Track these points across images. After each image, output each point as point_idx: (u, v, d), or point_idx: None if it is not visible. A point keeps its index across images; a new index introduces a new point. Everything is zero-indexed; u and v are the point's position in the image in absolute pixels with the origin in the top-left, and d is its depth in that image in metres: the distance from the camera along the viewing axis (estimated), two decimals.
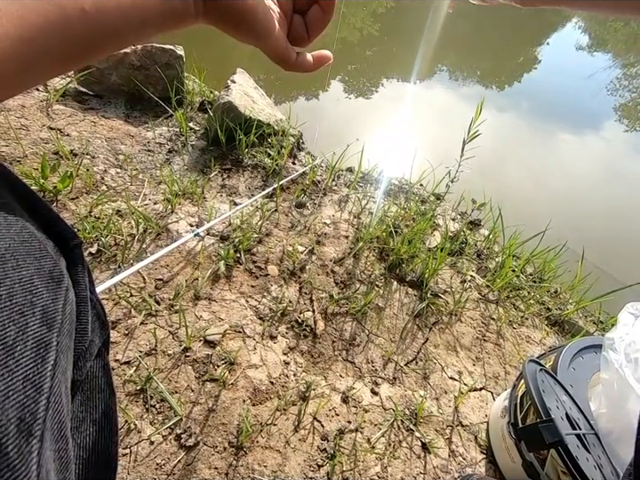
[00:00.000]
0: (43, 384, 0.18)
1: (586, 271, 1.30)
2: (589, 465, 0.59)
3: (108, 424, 0.28)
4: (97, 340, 0.28)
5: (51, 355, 0.19)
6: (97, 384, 0.28)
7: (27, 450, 0.16)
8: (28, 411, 0.16)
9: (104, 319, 0.29)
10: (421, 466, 0.81)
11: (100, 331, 0.28)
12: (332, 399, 0.86)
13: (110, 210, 1.09)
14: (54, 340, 0.19)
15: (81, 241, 0.26)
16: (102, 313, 0.29)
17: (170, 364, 0.82)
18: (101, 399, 0.28)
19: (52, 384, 0.18)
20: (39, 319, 0.19)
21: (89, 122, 1.39)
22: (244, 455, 0.73)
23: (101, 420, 0.27)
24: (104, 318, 0.29)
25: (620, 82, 4.57)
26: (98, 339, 0.28)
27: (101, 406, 0.28)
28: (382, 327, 1.04)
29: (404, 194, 1.55)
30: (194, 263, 1.03)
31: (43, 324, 0.19)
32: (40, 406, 0.17)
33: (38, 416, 0.17)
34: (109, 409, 0.28)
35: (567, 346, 0.79)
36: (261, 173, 1.42)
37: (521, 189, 2.31)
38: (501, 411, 0.83)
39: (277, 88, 2.76)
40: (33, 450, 0.16)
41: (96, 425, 0.27)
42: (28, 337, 0.18)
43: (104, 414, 0.28)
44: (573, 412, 0.67)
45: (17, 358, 0.16)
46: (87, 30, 0.20)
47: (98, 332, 0.28)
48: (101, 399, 0.28)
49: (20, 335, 0.17)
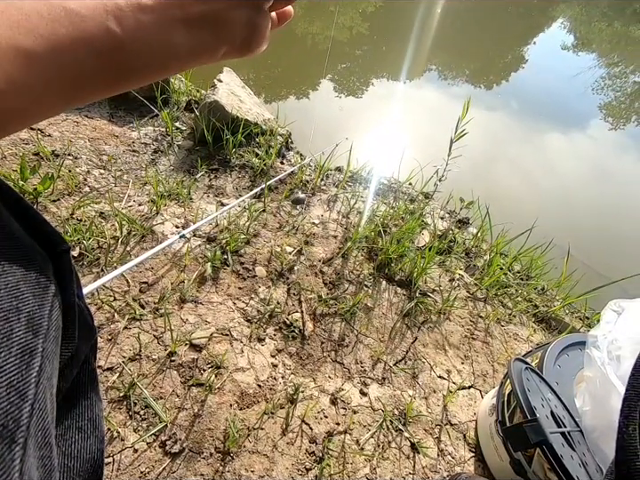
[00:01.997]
0: (27, 391, 0.17)
1: (572, 268, 1.31)
2: (574, 463, 0.59)
3: (95, 431, 0.27)
4: (84, 346, 0.27)
5: (36, 361, 0.18)
6: (83, 391, 0.28)
7: (9, 457, 0.15)
8: (10, 417, 0.16)
9: (91, 325, 0.29)
10: (410, 466, 0.80)
11: (87, 337, 0.28)
12: (320, 401, 0.85)
13: (93, 212, 1.07)
14: (40, 346, 0.19)
15: (69, 246, 0.25)
16: (90, 319, 0.29)
17: (154, 369, 0.81)
18: (87, 406, 0.27)
19: (36, 391, 0.18)
20: (24, 325, 0.18)
21: (71, 122, 1.36)
22: (231, 460, 0.72)
23: (87, 427, 0.27)
24: (91, 324, 0.29)
25: (604, 81, 4.65)
26: (85, 345, 0.27)
27: (87, 413, 0.27)
28: (371, 327, 1.03)
29: (393, 193, 1.56)
30: (180, 265, 1.02)
31: (28, 330, 0.18)
32: (24, 413, 0.17)
33: (21, 423, 0.16)
34: (96, 416, 0.28)
35: (552, 343, 0.80)
36: (249, 173, 1.40)
37: (508, 188, 2.33)
38: (489, 409, 0.83)
39: (266, 87, 2.74)
40: (15, 457, 0.16)
41: (82, 432, 0.26)
42: (13, 343, 0.17)
43: (90, 421, 0.27)
44: (559, 410, 0.67)
45: (0, 365, 0.16)
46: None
47: (85, 339, 0.27)
48: (87, 406, 0.27)
49: (4, 341, 0.17)
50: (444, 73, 4.00)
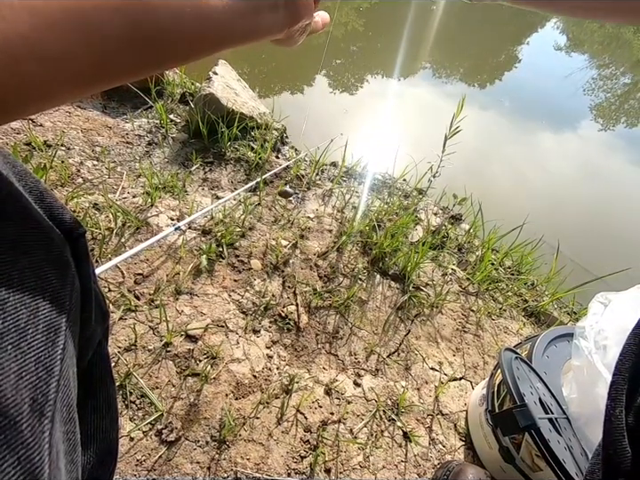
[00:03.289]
0: (53, 366, 0.18)
1: (561, 264, 1.34)
2: (560, 447, 0.61)
3: (109, 411, 0.28)
4: (99, 329, 0.28)
5: (60, 339, 0.19)
6: (98, 372, 0.28)
7: (39, 429, 0.16)
8: (40, 392, 0.17)
9: (105, 309, 0.29)
10: (402, 454, 0.82)
11: (101, 320, 0.28)
12: (315, 391, 0.86)
13: (87, 203, 1.06)
14: (63, 324, 0.20)
15: (85, 230, 0.26)
16: (104, 303, 0.29)
17: (150, 359, 0.81)
18: (102, 387, 0.28)
19: (61, 367, 0.19)
20: (49, 303, 0.19)
21: (63, 112, 1.34)
22: (227, 449, 0.73)
23: (102, 408, 0.28)
24: (105, 308, 0.29)
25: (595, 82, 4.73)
26: (100, 328, 0.28)
27: (102, 394, 0.28)
28: (365, 320, 1.05)
29: (388, 188, 1.57)
30: (175, 257, 1.02)
31: (53, 308, 0.19)
32: (51, 388, 0.17)
33: (49, 397, 0.17)
34: (110, 397, 0.29)
35: (542, 335, 0.82)
36: (244, 167, 1.40)
37: (500, 185, 2.37)
38: (479, 399, 0.86)
39: (261, 81, 2.73)
40: (45, 429, 0.16)
41: (97, 412, 0.27)
42: (39, 320, 0.18)
43: (105, 402, 0.28)
44: (546, 398, 0.69)
45: (29, 341, 0.17)
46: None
47: (100, 322, 0.28)
48: (102, 387, 0.28)
49: (31, 318, 0.17)
50: (438, 71, 4.02)
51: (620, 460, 0.28)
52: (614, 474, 0.29)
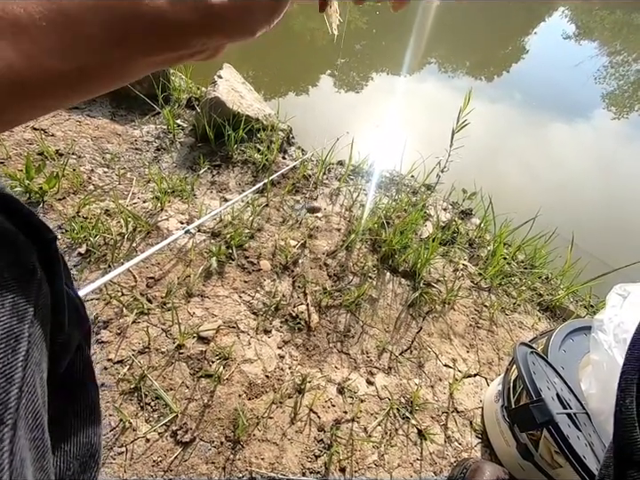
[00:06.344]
0: (14, 374, 0.18)
1: (576, 257, 1.31)
2: (580, 443, 0.60)
3: (91, 416, 0.28)
4: (76, 333, 0.27)
5: (22, 346, 0.19)
6: (78, 377, 0.28)
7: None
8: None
9: (83, 313, 0.29)
10: (418, 452, 0.81)
11: (79, 324, 0.28)
12: (327, 391, 0.86)
13: (98, 209, 1.08)
14: (25, 331, 0.19)
15: (55, 235, 0.26)
16: (81, 306, 0.29)
17: (164, 361, 0.82)
18: (83, 392, 0.28)
19: (24, 374, 0.18)
20: (9, 311, 0.19)
21: (74, 121, 1.37)
22: (241, 449, 0.73)
23: (83, 412, 0.27)
24: (83, 312, 0.29)
25: (606, 70, 4.61)
26: (77, 332, 0.28)
27: (83, 398, 0.28)
28: (376, 318, 1.04)
29: (395, 185, 1.56)
30: (185, 260, 1.03)
31: (13, 315, 0.19)
32: (11, 395, 0.17)
33: (9, 405, 0.17)
34: (92, 401, 0.29)
35: (558, 329, 0.80)
36: (251, 169, 1.41)
37: (511, 178, 2.32)
38: (495, 395, 0.84)
39: (266, 83, 2.74)
40: (4, 438, 0.16)
41: (78, 417, 0.27)
42: None
43: (86, 406, 0.28)
44: (564, 393, 0.68)
45: None
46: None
47: (77, 326, 0.28)
48: (83, 392, 0.28)
49: None
50: (444, 65, 3.97)
51: (632, 451, 0.27)
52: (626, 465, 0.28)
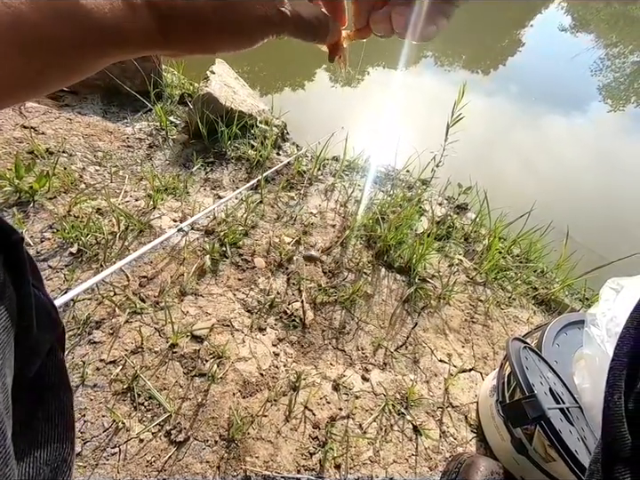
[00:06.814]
0: None
1: (571, 250, 1.31)
2: (573, 437, 0.60)
3: (62, 419, 0.27)
4: (47, 336, 0.27)
5: None
6: (49, 381, 0.27)
7: None
8: None
9: (55, 316, 0.29)
10: (413, 448, 0.82)
11: (50, 327, 0.28)
12: (322, 388, 0.86)
13: (90, 208, 1.07)
14: None
15: (22, 237, 0.25)
16: (52, 309, 0.28)
17: (157, 361, 0.81)
18: (54, 395, 0.28)
19: None
20: None
21: (64, 119, 1.35)
22: (236, 447, 0.73)
23: (54, 416, 0.27)
24: (55, 315, 0.29)
25: (603, 62, 4.59)
26: (49, 336, 0.27)
27: (54, 402, 0.27)
28: (371, 314, 1.04)
29: (391, 180, 1.55)
30: (178, 259, 1.02)
31: None
32: None
33: None
34: (64, 405, 0.28)
35: (552, 323, 0.80)
36: (245, 165, 1.40)
37: (507, 172, 2.32)
38: (490, 390, 0.84)
39: (260, 78, 2.71)
40: None
41: (48, 421, 0.27)
42: None
43: (57, 410, 0.27)
44: (557, 387, 0.68)
45: None
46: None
47: (48, 329, 0.27)
48: (54, 395, 0.28)
49: None
50: (439, 59, 3.95)
51: (620, 448, 0.27)
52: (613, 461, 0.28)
